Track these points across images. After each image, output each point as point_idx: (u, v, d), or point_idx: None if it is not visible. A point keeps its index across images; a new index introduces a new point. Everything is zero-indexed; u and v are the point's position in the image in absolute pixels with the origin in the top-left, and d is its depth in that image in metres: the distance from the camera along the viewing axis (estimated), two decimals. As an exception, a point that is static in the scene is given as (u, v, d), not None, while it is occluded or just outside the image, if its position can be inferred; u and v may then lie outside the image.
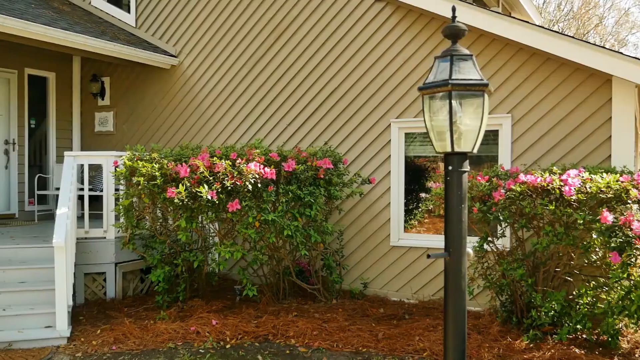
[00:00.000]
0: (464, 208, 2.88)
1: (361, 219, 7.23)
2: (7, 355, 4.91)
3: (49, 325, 5.45)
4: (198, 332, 5.43)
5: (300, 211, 6.21)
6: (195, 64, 8.51)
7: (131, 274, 6.98)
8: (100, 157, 6.77)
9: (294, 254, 6.70)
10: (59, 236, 5.39)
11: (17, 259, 6.25)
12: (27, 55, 8.97)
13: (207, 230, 6.79)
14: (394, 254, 7.03)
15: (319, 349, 5.12)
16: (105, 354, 4.99)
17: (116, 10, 9.42)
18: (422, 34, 6.85)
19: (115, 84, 9.41)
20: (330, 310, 6.20)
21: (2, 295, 5.63)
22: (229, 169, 5.73)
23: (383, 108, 7.09)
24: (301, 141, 7.62)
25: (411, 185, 7.05)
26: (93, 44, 7.68)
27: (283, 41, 7.74)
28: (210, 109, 8.39)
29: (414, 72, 6.89)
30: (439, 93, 2.85)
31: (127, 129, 9.28)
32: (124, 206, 6.21)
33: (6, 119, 8.94)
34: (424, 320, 5.86)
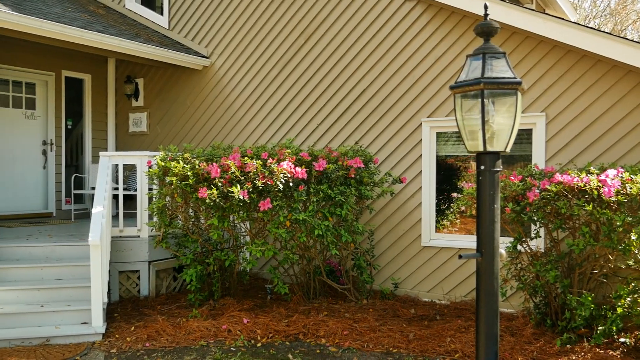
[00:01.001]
0: (496, 208, 2.85)
1: (392, 219, 7.20)
2: (45, 351, 5.04)
3: (85, 321, 5.57)
4: (229, 330, 5.48)
5: (331, 211, 6.21)
6: (227, 65, 8.59)
7: (164, 272, 7.09)
8: (134, 157, 6.89)
9: (325, 254, 6.71)
10: (94, 234, 5.50)
11: (55, 256, 6.40)
12: (64, 57, 9.19)
13: (238, 230, 6.84)
14: (425, 254, 6.97)
15: (349, 348, 5.12)
16: (139, 351, 5.07)
17: (150, 13, 9.57)
18: (453, 33, 6.78)
19: (148, 85, 9.57)
20: (360, 310, 6.19)
21: (40, 291, 5.77)
22: (260, 168, 5.77)
23: (414, 107, 7.04)
24: (332, 141, 7.62)
25: (443, 185, 6.99)
26: (127, 46, 7.82)
27: (313, 41, 7.76)
28: (241, 109, 8.46)
29: (446, 70, 6.82)
30: (471, 92, 2.82)
31: (160, 130, 9.42)
32: (157, 206, 6.31)
33: (44, 120, 9.17)
34: (455, 321, 5.80)
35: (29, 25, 6.68)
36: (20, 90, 8.90)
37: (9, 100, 8.75)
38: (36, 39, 7.05)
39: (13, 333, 5.27)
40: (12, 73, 8.73)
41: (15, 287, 5.75)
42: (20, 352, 4.99)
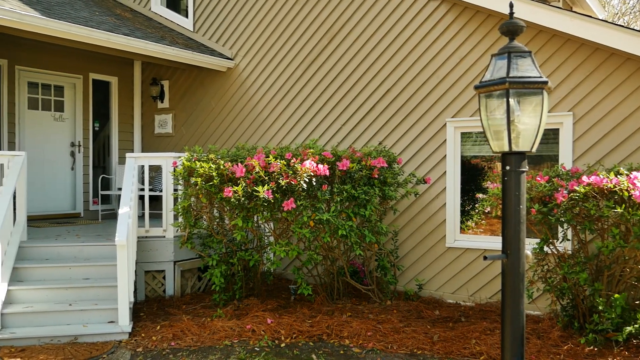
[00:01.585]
0: (522, 209, 2.81)
1: (416, 220, 7.16)
2: (73, 349, 5.12)
3: (112, 320, 5.65)
4: (253, 330, 5.51)
5: (354, 211, 6.20)
6: (251, 66, 8.64)
7: (189, 272, 7.16)
8: (160, 159, 6.97)
9: (348, 254, 6.70)
10: (121, 235, 5.58)
11: (82, 256, 6.51)
12: (92, 61, 9.35)
13: (262, 230, 6.88)
14: (450, 255, 6.92)
15: (373, 349, 5.11)
16: (164, 350, 5.13)
17: (175, 16, 9.68)
18: (478, 32, 6.72)
19: (174, 87, 9.67)
20: (384, 311, 6.17)
21: (68, 290, 5.88)
22: (283, 168, 5.80)
23: (438, 107, 6.99)
24: (355, 141, 7.62)
25: (467, 186, 6.93)
26: (153, 48, 7.92)
27: (337, 42, 7.76)
28: (265, 110, 8.50)
29: (470, 70, 6.76)
30: (496, 91, 2.79)
31: (185, 131, 9.52)
32: (183, 206, 6.38)
33: (72, 122, 9.34)
34: (480, 323, 5.75)
35: (58, 29, 6.81)
36: (49, 93, 9.07)
37: (38, 103, 8.93)
38: (64, 42, 7.19)
39: (42, 331, 5.37)
40: (41, 76, 8.92)
41: (44, 286, 5.86)
42: (49, 349, 5.08)
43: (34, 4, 7.21)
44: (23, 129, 8.69)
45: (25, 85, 8.74)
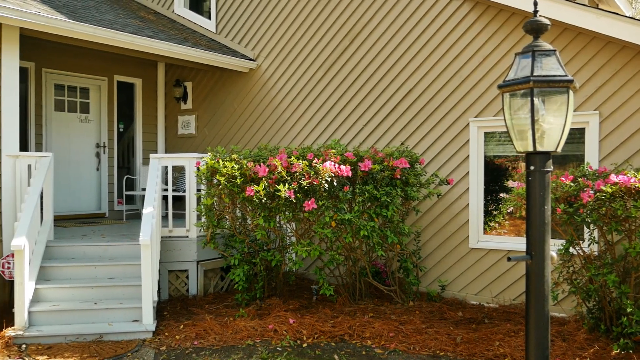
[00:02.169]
0: (547, 209, 2.78)
1: (439, 220, 7.11)
2: (99, 347, 5.20)
3: (136, 319, 5.71)
4: (276, 330, 5.52)
5: (376, 211, 6.19)
6: (273, 67, 8.67)
7: (212, 272, 7.21)
8: (183, 159, 7.03)
9: (370, 255, 6.69)
10: (145, 235, 5.64)
11: (107, 255, 6.60)
12: (116, 63, 9.48)
13: (284, 230, 6.90)
14: (473, 256, 6.86)
15: (395, 350, 5.08)
16: (187, 349, 5.17)
17: (198, 17, 9.76)
18: (501, 30, 6.64)
19: (196, 89, 9.76)
20: (406, 312, 6.14)
21: (94, 289, 5.96)
22: (305, 168, 5.81)
23: (461, 107, 6.94)
24: (377, 142, 7.59)
25: (491, 186, 6.86)
26: (176, 50, 8.00)
27: (358, 43, 7.74)
28: (287, 110, 8.52)
29: (494, 69, 6.70)
30: (520, 90, 2.76)
31: (208, 132, 9.60)
32: (205, 206, 6.43)
33: (97, 124, 9.48)
34: (504, 325, 5.68)
35: (83, 32, 6.91)
36: (75, 95, 9.22)
37: (64, 105, 9.08)
38: (90, 45, 7.30)
39: (68, 329, 5.46)
40: (67, 78, 9.07)
41: (70, 285, 5.96)
42: (75, 347, 5.16)
43: (60, 8, 7.33)
44: (50, 131, 8.85)
45: (52, 88, 8.90)
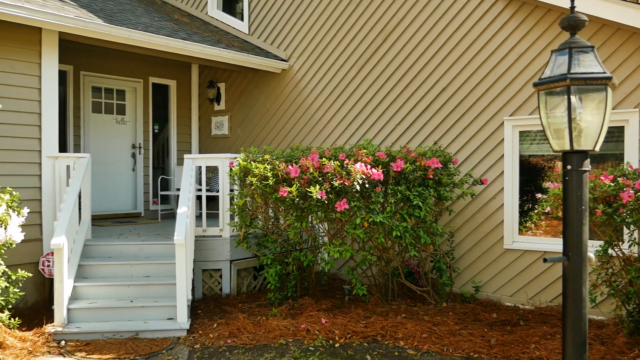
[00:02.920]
0: (584, 210, 2.72)
1: (472, 221, 7.02)
2: (134, 344, 5.29)
3: (171, 317, 5.80)
4: (308, 330, 5.54)
5: (409, 212, 6.14)
6: (305, 67, 8.70)
7: (245, 271, 7.27)
8: (216, 159, 7.10)
9: (403, 255, 6.65)
10: (179, 234, 5.72)
11: (143, 254, 6.72)
12: (151, 65, 9.64)
13: (316, 230, 6.91)
14: (508, 257, 6.75)
15: (428, 352, 5.04)
16: (221, 347, 5.23)
17: (231, 19, 9.85)
18: (537, 28, 6.52)
19: (230, 89, 9.85)
20: (440, 313, 6.08)
21: (129, 287, 6.08)
22: (337, 169, 5.80)
23: (495, 106, 6.84)
24: (410, 141, 7.54)
25: (526, 186, 6.74)
26: (209, 52, 8.09)
27: (391, 42, 7.71)
28: (319, 110, 8.53)
29: (529, 67, 6.58)
30: (556, 88, 2.71)
31: (240, 132, 9.68)
32: (238, 206, 6.48)
33: (133, 125, 9.66)
34: (540, 327, 5.58)
35: (119, 35, 7.05)
36: (111, 97, 9.42)
37: (101, 107, 9.28)
38: (126, 48, 7.44)
39: (105, 326, 5.57)
40: (104, 81, 9.26)
41: (107, 283, 6.08)
42: (112, 344, 5.27)
43: (97, 12, 7.50)
44: (87, 132, 9.05)
45: (89, 90, 9.11)
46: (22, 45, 6.48)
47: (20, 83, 6.46)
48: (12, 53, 6.39)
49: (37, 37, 6.57)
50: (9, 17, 6.06)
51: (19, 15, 6.10)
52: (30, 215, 6.11)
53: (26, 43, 6.50)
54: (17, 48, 6.44)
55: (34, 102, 6.57)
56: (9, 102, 6.37)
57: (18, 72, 6.45)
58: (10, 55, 6.38)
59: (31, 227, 6.33)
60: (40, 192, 6.60)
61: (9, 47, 6.37)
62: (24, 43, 6.49)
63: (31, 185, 6.53)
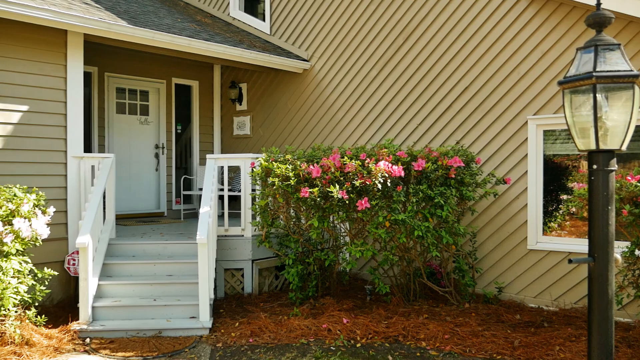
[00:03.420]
0: (610, 210, 2.67)
1: (495, 221, 6.95)
2: (158, 342, 5.35)
3: (193, 316, 5.85)
4: (329, 329, 5.54)
5: (431, 211, 6.11)
6: (326, 67, 8.70)
7: (266, 271, 7.29)
8: (238, 159, 7.14)
9: (425, 255, 6.61)
10: (201, 233, 5.77)
11: (166, 253, 6.79)
12: (174, 66, 9.73)
13: (338, 230, 6.91)
14: (532, 258, 6.67)
15: (450, 353, 5.01)
16: (242, 346, 5.25)
17: (252, 20, 9.90)
18: (561, 25, 6.44)
19: (251, 90, 9.90)
20: (462, 314, 6.03)
21: (153, 286, 6.14)
22: (358, 169, 5.80)
23: (519, 105, 6.76)
24: (432, 141, 7.50)
25: (550, 186, 6.65)
26: (231, 52, 8.14)
27: (412, 41, 7.67)
28: (340, 110, 8.53)
29: (553, 65, 6.49)
30: (581, 87, 2.67)
31: (262, 132, 9.72)
32: (260, 206, 6.51)
33: (156, 125, 9.76)
34: (565, 329, 5.51)
35: (143, 37, 7.13)
36: (135, 97, 9.53)
37: (125, 107, 9.40)
38: (149, 49, 7.52)
39: (129, 324, 5.64)
40: (128, 82, 9.38)
41: (130, 281, 6.16)
42: (135, 342, 5.34)
43: (121, 14, 7.59)
44: (112, 132, 9.18)
45: (113, 91, 9.23)
46: (48, 47, 6.59)
47: (46, 84, 6.57)
48: (38, 55, 6.51)
49: (62, 39, 6.68)
50: (36, 20, 6.18)
51: (46, 17, 6.20)
52: (56, 215, 6.22)
53: (52, 45, 6.62)
54: (44, 50, 6.55)
55: (60, 103, 6.68)
56: (36, 103, 6.49)
57: (44, 73, 6.56)
58: (36, 57, 6.50)
59: (57, 226, 6.44)
60: (65, 191, 6.71)
61: (35, 49, 6.49)
62: (50, 45, 6.60)
63: (57, 185, 6.64)
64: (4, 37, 6.25)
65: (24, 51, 6.40)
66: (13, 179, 6.18)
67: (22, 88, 6.39)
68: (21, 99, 6.38)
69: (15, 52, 6.34)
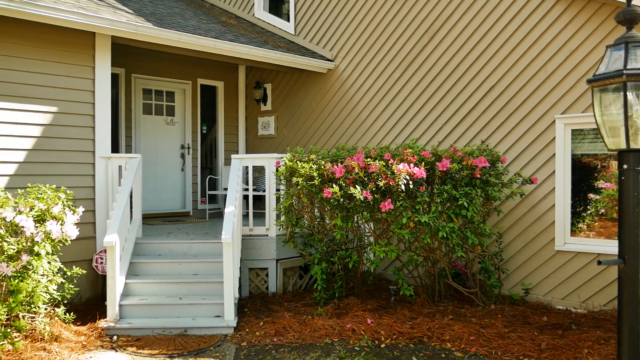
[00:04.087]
0: (641, 210, 2.62)
1: (522, 222, 6.87)
2: (183, 340, 5.40)
3: (218, 314, 5.89)
4: (353, 329, 5.53)
5: (455, 212, 6.06)
6: (351, 67, 8.69)
7: (291, 271, 7.31)
8: (263, 160, 7.17)
9: (450, 256, 6.56)
10: (226, 233, 5.80)
11: (191, 252, 6.85)
12: (199, 67, 9.83)
13: (362, 230, 6.89)
14: (559, 259, 6.57)
15: (476, 354, 4.96)
16: (267, 345, 5.28)
17: (277, 20, 9.94)
18: (590, 22, 6.33)
19: (276, 90, 9.94)
20: (488, 315, 5.97)
21: (178, 285, 6.21)
22: (382, 169, 5.78)
23: (546, 104, 6.67)
24: (457, 141, 7.44)
25: (579, 186, 6.54)
26: (256, 53, 8.18)
27: (437, 40, 7.62)
28: (365, 110, 8.51)
29: (582, 63, 6.39)
30: (611, 85, 2.63)
31: (287, 132, 9.75)
32: (284, 205, 6.53)
33: (182, 126, 9.86)
34: (593, 331, 5.41)
35: (169, 38, 7.21)
36: (161, 98, 9.64)
37: (152, 108, 9.52)
38: (175, 50, 7.61)
39: (155, 322, 5.71)
40: (154, 83, 9.50)
41: (157, 280, 6.23)
42: (161, 340, 5.40)
43: (148, 16, 7.69)
44: (138, 133, 9.30)
45: (140, 92, 9.35)
46: (77, 49, 6.71)
47: (75, 86, 6.69)
48: (67, 57, 6.63)
49: (91, 42, 6.79)
50: (66, 23, 6.29)
51: (75, 20, 6.31)
52: (84, 214, 6.32)
53: (80, 47, 6.73)
54: (72, 52, 6.67)
55: (88, 105, 6.79)
56: (65, 105, 6.61)
57: (73, 75, 6.68)
58: (65, 59, 6.62)
59: (85, 226, 6.54)
60: (93, 191, 6.82)
61: (64, 51, 6.61)
62: (79, 47, 6.72)
63: (85, 184, 6.75)
64: (33, 40, 6.38)
65: (52, 53, 6.52)
66: (43, 178, 6.30)
67: (52, 90, 6.52)
68: (51, 100, 6.51)
69: (44, 54, 6.47)
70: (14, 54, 6.25)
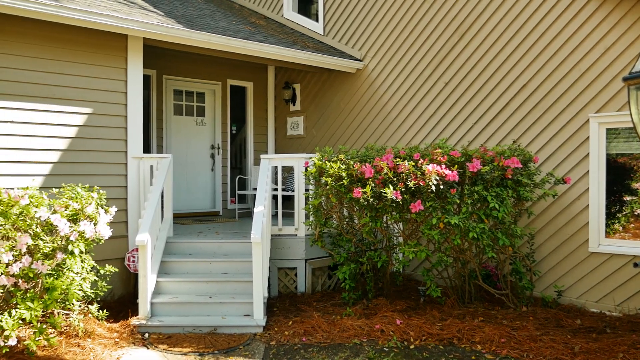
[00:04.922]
0: (679, 212, 2.55)
1: (554, 223, 6.74)
2: (213, 338, 5.46)
3: (247, 313, 5.93)
4: (382, 330, 5.51)
5: (486, 212, 5.98)
6: (380, 67, 8.65)
7: (319, 270, 7.32)
8: (292, 160, 7.20)
9: (480, 257, 6.48)
10: (256, 233, 5.84)
11: (221, 252, 6.91)
12: (229, 67, 9.91)
13: (391, 230, 6.86)
14: (593, 261, 6.44)
15: (507, 357, 4.89)
16: (296, 344, 5.29)
17: (306, 20, 9.96)
18: (625, 19, 6.18)
19: (305, 90, 9.96)
20: (519, 317, 5.88)
21: (208, 284, 6.27)
22: (412, 169, 5.74)
23: (580, 102, 6.53)
24: (487, 140, 7.34)
25: (613, 186, 6.40)
26: (285, 53, 8.21)
27: (468, 38, 7.53)
28: (394, 110, 8.47)
29: (617, 61, 6.24)
30: (647, 83, 2.56)
31: (315, 132, 9.76)
32: (313, 205, 6.55)
33: (212, 126, 9.96)
34: (629, 336, 5.28)
35: (199, 39, 7.29)
36: (192, 99, 9.75)
37: (182, 109, 9.63)
38: (205, 51, 7.69)
39: (186, 321, 5.78)
40: (185, 84, 9.61)
41: (188, 279, 6.30)
42: (191, 338, 5.46)
43: (179, 18, 7.78)
44: (169, 133, 9.43)
45: (171, 93, 9.48)
46: (110, 51, 6.83)
47: (108, 87, 6.81)
48: (100, 59, 6.75)
49: (123, 44, 6.91)
50: (99, 26, 6.41)
51: (108, 23, 6.43)
52: (117, 213, 6.43)
53: (113, 49, 6.85)
54: (105, 54, 6.79)
55: (121, 106, 6.91)
56: (98, 106, 6.74)
57: (106, 77, 6.80)
58: (98, 61, 6.74)
59: (117, 225, 6.66)
60: (125, 191, 6.93)
61: (97, 53, 6.73)
62: (112, 49, 6.84)
63: (117, 184, 6.87)
64: (69, 42, 6.51)
65: (86, 56, 6.65)
66: (76, 178, 6.43)
67: (85, 91, 6.65)
68: (84, 101, 6.64)
69: (77, 56, 6.59)
70: (48, 57, 6.39)
